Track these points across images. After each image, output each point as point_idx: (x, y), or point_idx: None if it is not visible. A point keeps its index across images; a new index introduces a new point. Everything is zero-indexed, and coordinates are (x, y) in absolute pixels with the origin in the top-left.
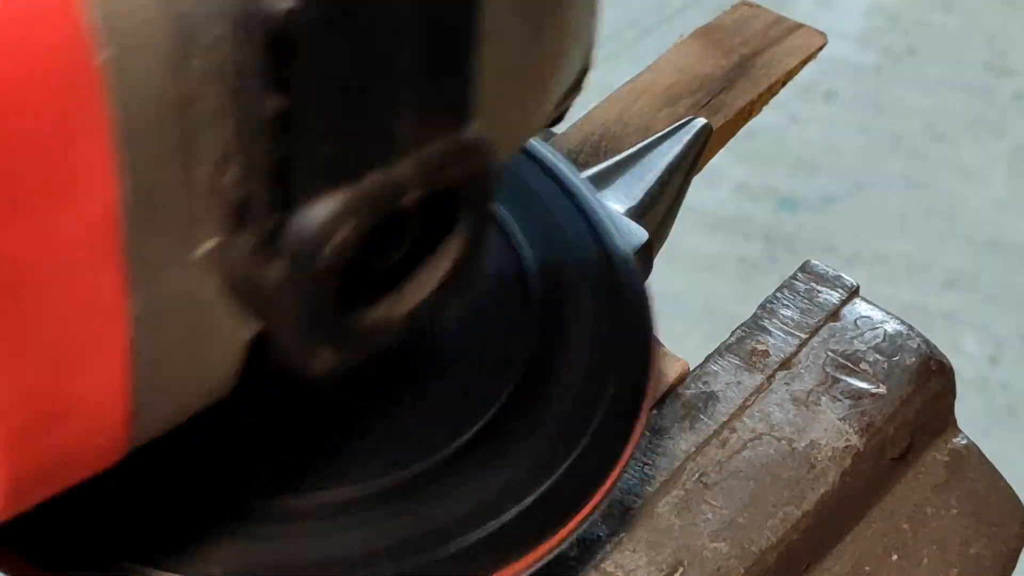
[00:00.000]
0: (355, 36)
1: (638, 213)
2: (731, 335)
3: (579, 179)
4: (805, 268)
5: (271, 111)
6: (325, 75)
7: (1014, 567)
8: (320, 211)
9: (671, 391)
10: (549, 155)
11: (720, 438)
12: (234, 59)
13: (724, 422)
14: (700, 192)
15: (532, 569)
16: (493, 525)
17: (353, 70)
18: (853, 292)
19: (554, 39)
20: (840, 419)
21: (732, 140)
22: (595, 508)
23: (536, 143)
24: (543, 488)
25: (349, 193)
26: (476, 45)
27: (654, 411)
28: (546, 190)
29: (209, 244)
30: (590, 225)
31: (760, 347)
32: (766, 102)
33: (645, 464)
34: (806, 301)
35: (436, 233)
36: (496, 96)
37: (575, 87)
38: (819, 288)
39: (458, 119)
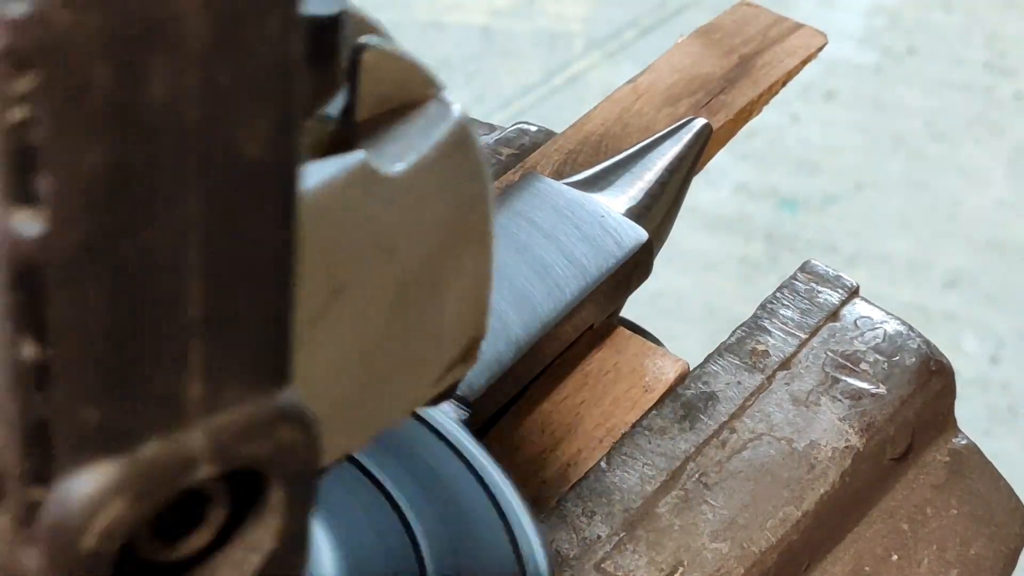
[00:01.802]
0: (125, 271)
1: (638, 213)
2: (731, 335)
3: (490, 461)
4: (805, 268)
5: (25, 361)
6: (88, 318)
7: (1014, 567)
8: (84, 485)
9: (671, 391)
10: (461, 435)
11: (720, 438)
12: None
13: (724, 422)
14: (700, 192)
15: None
16: None
17: (124, 313)
18: (853, 292)
19: (425, 322)
20: (840, 419)
21: (732, 140)
22: None
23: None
24: None
25: (122, 465)
26: (290, 290)
27: (654, 411)
28: (456, 476)
29: None
30: (506, 525)
31: (760, 347)
32: (766, 102)
33: (645, 464)
34: (806, 301)
35: (247, 519)
36: (343, 374)
37: (462, 359)
38: (819, 288)
39: (266, 381)
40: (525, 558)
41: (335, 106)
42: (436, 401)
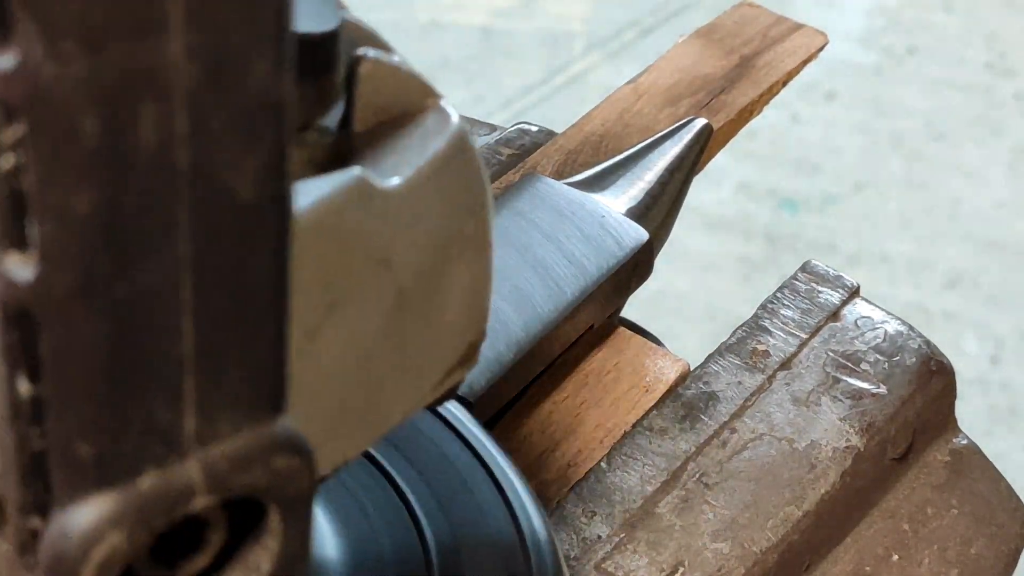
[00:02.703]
0: (118, 311)
1: (638, 213)
2: (731, 335)
3: (495, 447)
4: (806, 268)
5: (21, 396)
6: (81, 356)
7: (1015, 567)
8: (83, 517)
9: (671, 391)
10: (465, 421)
11: (721, 438)
12: None
13: (725, 422)
14: (701, 192)
15: None
16: None
17: (116, 351)
18: (853, 292)
19: (423, 329)
20: (841, 419)
21: (733, 140)
22: None
23: (451, 406)
24: None
25: (120, 497)
26: (285, 323)
27: (654, 411)
28: (461, 460)
29: None
30: (506, 503)
31: (761, 347)
32: (767, 102)
33: (646, 464)
34: (807, 301)
35: (246, 543)
36: (341, 384)
37: (464, 361)
38: (820, 288)
39: (261, 412)
40: (524, 530)
41: (333, 117)
42: (436, 404)
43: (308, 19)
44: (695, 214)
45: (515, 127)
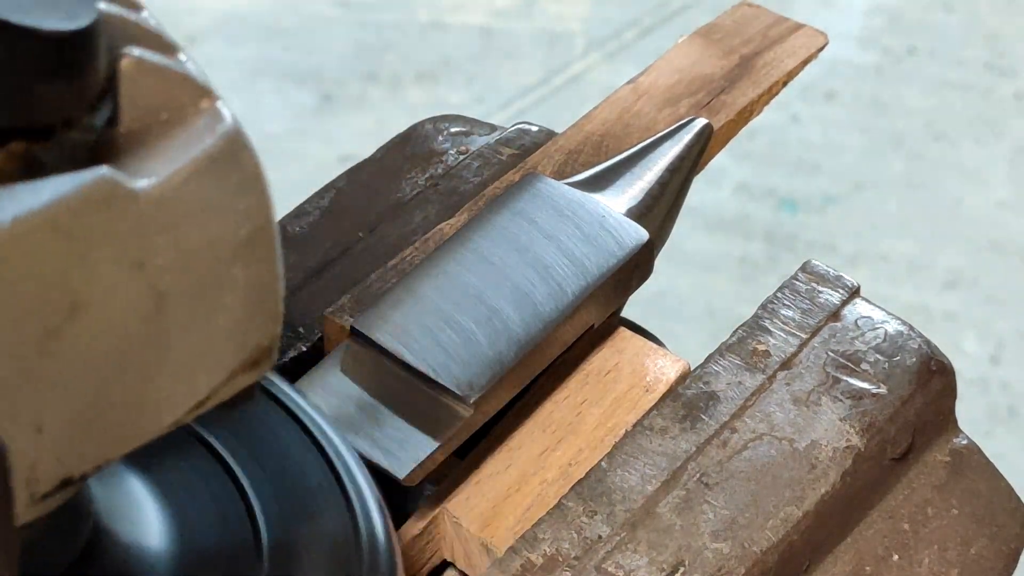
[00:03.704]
0: None
1: (639, 213)
2: (732, 335)
3: (329, 426)
4: (806, 268)
5: None
6: None
7: (1015, 567)
8: None
9: (672, 391)
10: (297, 400)
11: (721, 438)
12: None
13: (725, 422)
14: (701, 192)
15: None
16: None
17: None
18: (854, 292)
19: (192, 331)
20: (841, 419)
21: (733, 140)
22: None
23: (277, 381)
24: None
25: None
26: None
27: (655, 411)
28: (290, 439)
29: None
30: (339, 485)
31: (761, 347)
32: (767, 102)
33: (646, 464)
34: (807, 301)
35: None
36: (91, 385)
37: (253, 364)
38: (820, 288)
39: None
40: (361, 522)
41: (102, 115)
42: (229, 406)
43: (59, 15)
44: (695, 214)
45: (515, 127)
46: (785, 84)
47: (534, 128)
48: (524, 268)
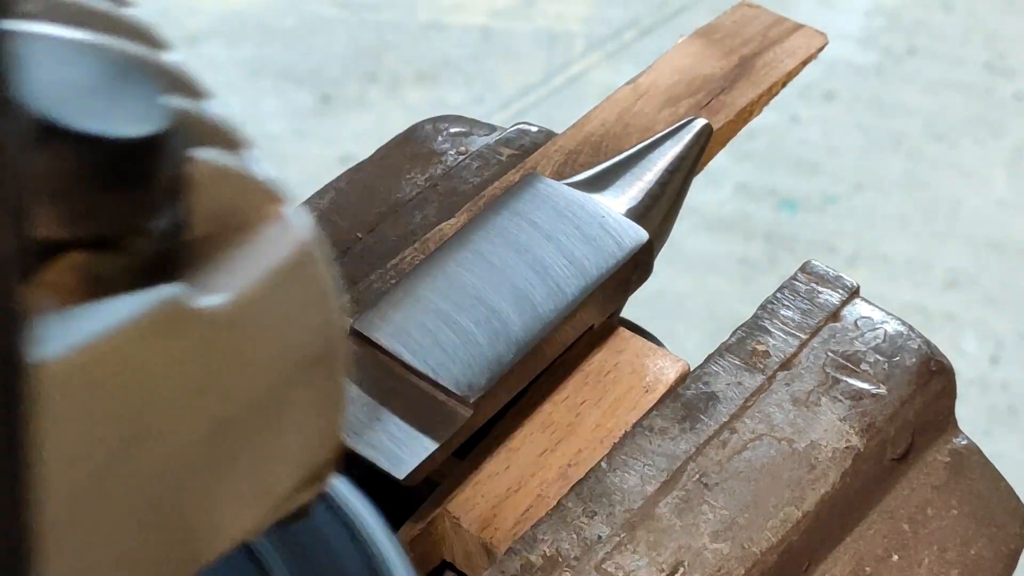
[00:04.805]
0: None
1: (638, 213)
2: (731, 335)
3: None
4: (805, 268)
5: None
6: None
7: (1015, 568)
8: None
9: (671, 391)
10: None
11: (720, 438)
12: None
13: (724, 422)
14: (701, 192)
15: None
16: None
17: None
18: (853, 292)
19: (254, 454)
20: (840, 419)
21: (732, 140)
22: None
23: None
24: None
25: None
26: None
27: (654, 411)
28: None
29: None
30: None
31: (760, 347)
32: (766, 102)
33: (646, 464)
34: (806, 302)
35: None
36: (145, 516)
37: (312, 482)
38: (819, 288)
39: None
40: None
41: (169, 219)
42: (280, 524)
43: (127, 117)
44: (695, 214)
45: (515, 127)
46: (785, 84)
47: (533, 128)
48: (524, 268)
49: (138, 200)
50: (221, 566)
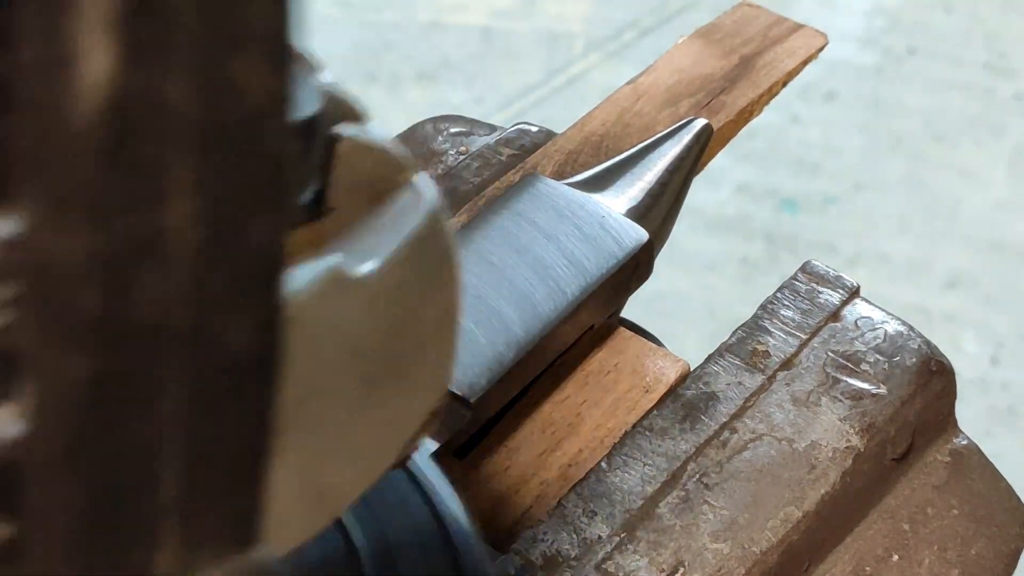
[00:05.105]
0: (102, 464)
1: (638, 213)
2: (731, 335)
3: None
4: (806, 269)
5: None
6: (62, 504)
7: (1015, 568)
8: None
9: (671, 391)
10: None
11: (721, 438)
12: None
13: (725, 423)
14: (701, 192)
15: None
16: None
17: (98, 499)
18: (854, 293)
19: (389, 409)
20: (841, 419)
21: (733, 140)
22: None
23: None
24: None
25: None
26: (267, 465)
27: (655, 411)
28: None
29: None
30: (429, 503)
31: (761, 347)
32: (767, 102)
33: (646, 464)
34: (807, 302)
35: None
36: (305, 471)
37: (426, 427)
38: (820, 289)
39: (239, 546)
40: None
41: (306, 195)
42: (394, 467)
43: (297, 101)
44: (695, 214)
45: (515, 127)
46: (785, 84)
47: (534, 128)
48: (524, 268)
49: (301, 176)
50: None
